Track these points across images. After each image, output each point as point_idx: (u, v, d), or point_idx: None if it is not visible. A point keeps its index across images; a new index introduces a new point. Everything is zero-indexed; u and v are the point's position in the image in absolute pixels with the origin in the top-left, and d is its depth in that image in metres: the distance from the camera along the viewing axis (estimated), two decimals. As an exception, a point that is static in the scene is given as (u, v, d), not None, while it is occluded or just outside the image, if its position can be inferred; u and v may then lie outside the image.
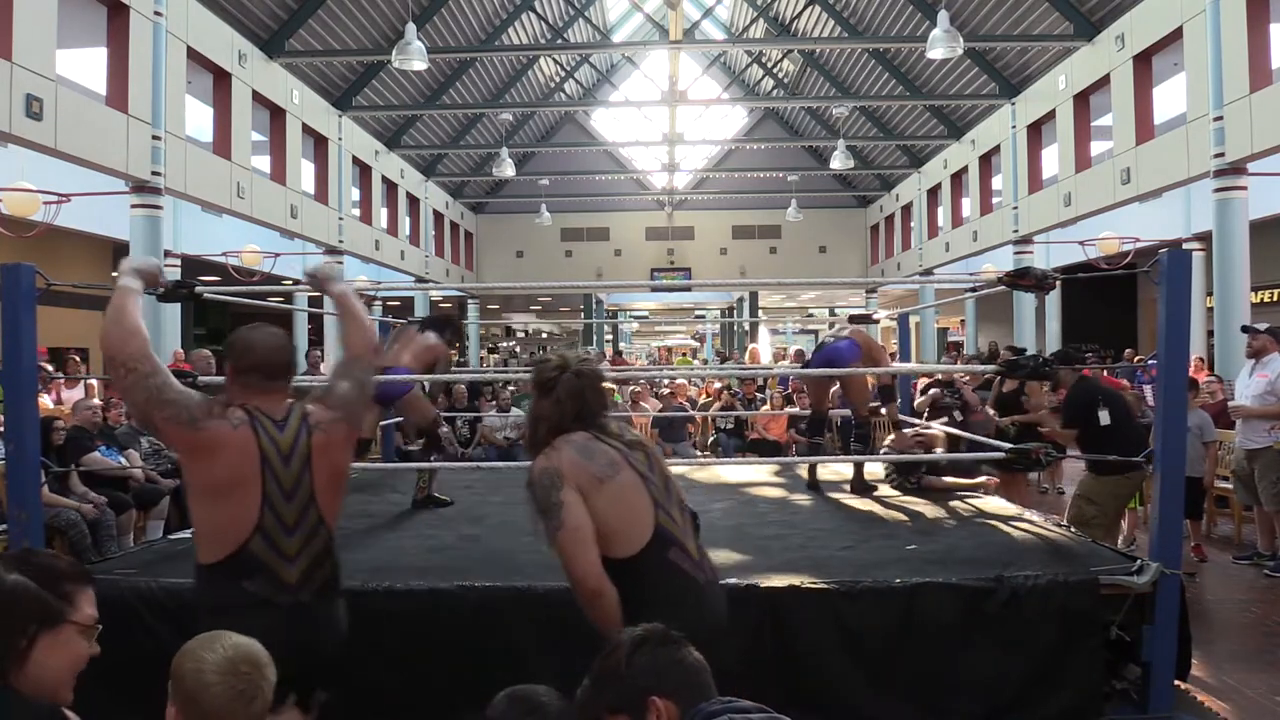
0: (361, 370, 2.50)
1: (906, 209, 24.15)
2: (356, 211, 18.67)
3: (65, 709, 1.58)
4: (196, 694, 1.55)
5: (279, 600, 2.17)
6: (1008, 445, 4.51)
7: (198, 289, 4.16)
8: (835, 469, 6.00)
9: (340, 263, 17.16)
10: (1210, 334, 12.00)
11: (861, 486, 5.43)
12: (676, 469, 6.41)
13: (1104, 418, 5.37)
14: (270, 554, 2.18)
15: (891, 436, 6.04)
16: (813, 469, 5.62)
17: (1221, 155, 10.49)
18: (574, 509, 2.18)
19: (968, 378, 8.18)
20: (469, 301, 28.68)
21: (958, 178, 20.34)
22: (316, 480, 2.27)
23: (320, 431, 2.29)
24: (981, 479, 5.59)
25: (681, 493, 2.45)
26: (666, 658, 1.68)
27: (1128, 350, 17.04)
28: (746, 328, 30.12)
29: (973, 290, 13.64)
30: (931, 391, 7.96)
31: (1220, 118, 10.49)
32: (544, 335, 43.17)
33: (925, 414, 7.55)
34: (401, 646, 3.10)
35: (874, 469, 5.82)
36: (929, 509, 4.80)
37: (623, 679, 1.65)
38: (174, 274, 13.92)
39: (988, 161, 18.60)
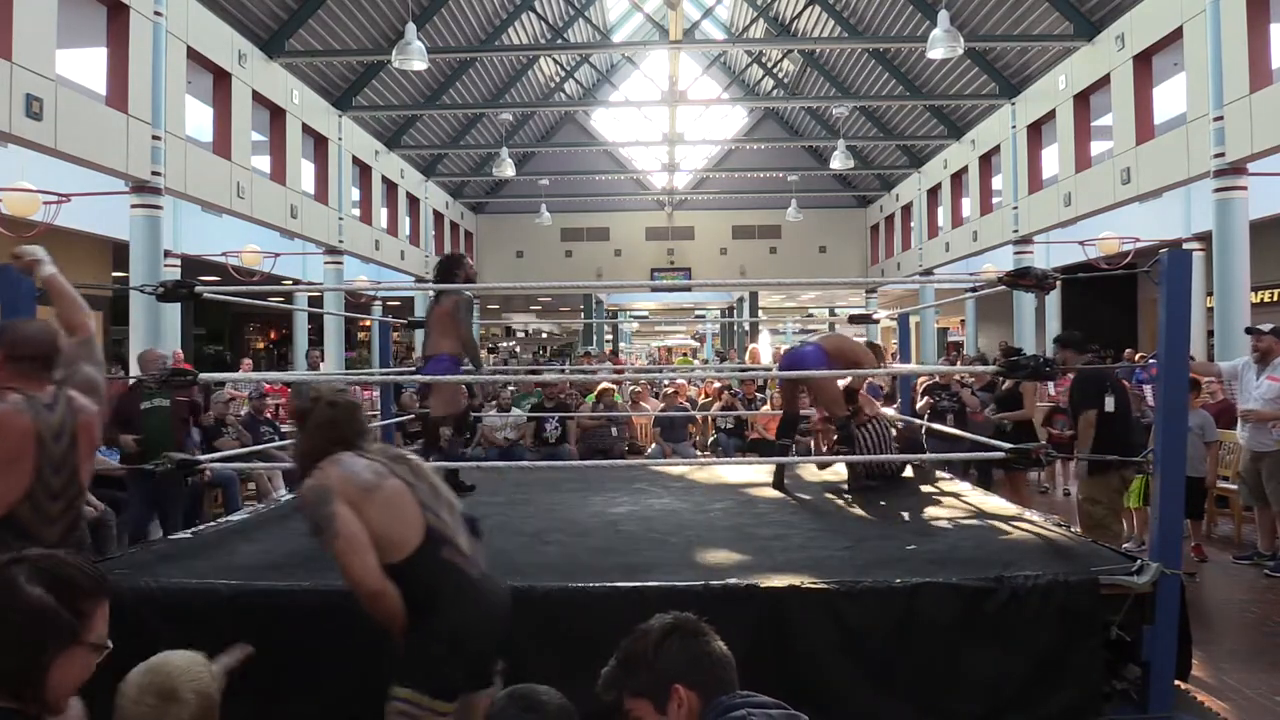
0: (95, 349, 2.77)
1: (906, 209, 24.15)
2: (356, 211, 18.68)
3: None
4: (116, 708, 1.64)
5: None
6: (1008, 445, 4.51)
7: (197, 289, 4.15)
8: (837, 469, 6.01)
9: (340, 262, 17.18)
10: (1210, 334, 12.00)
11: (857, 486, 5.43)
12: (676, 469, 6.43)
13: (1109, 404, 5.43)
14: (34, 518, 2.42)
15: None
16: (779, 470, 5.61)
17: (1221, 155, 10.49)
18: (345, 519, 2.33)
19: (972, 379, 8.19)
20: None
21: (958, 178, 20.34)
22: (80, 455, 2.57)
23: (84, 414, 2.57)
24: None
25: (453, 498, 2.63)
26: (695, 649, 1.70)
27: (1128, 350, 17.03)
28: (746, 328, 30.12)
29: (973, 290, 13.64)
30: (925, 400, 8.02)
31: (1220, 118, 10.49)
32: (544, 335, 43.15)
33: (926, 416, 7.57)
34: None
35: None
36: (929, 509, 4.80)
37: (650, 665, 1.68)
38: (174, 274, 13.94)
39: (988, 161, 18.61)
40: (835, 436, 5.79)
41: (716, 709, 1.63)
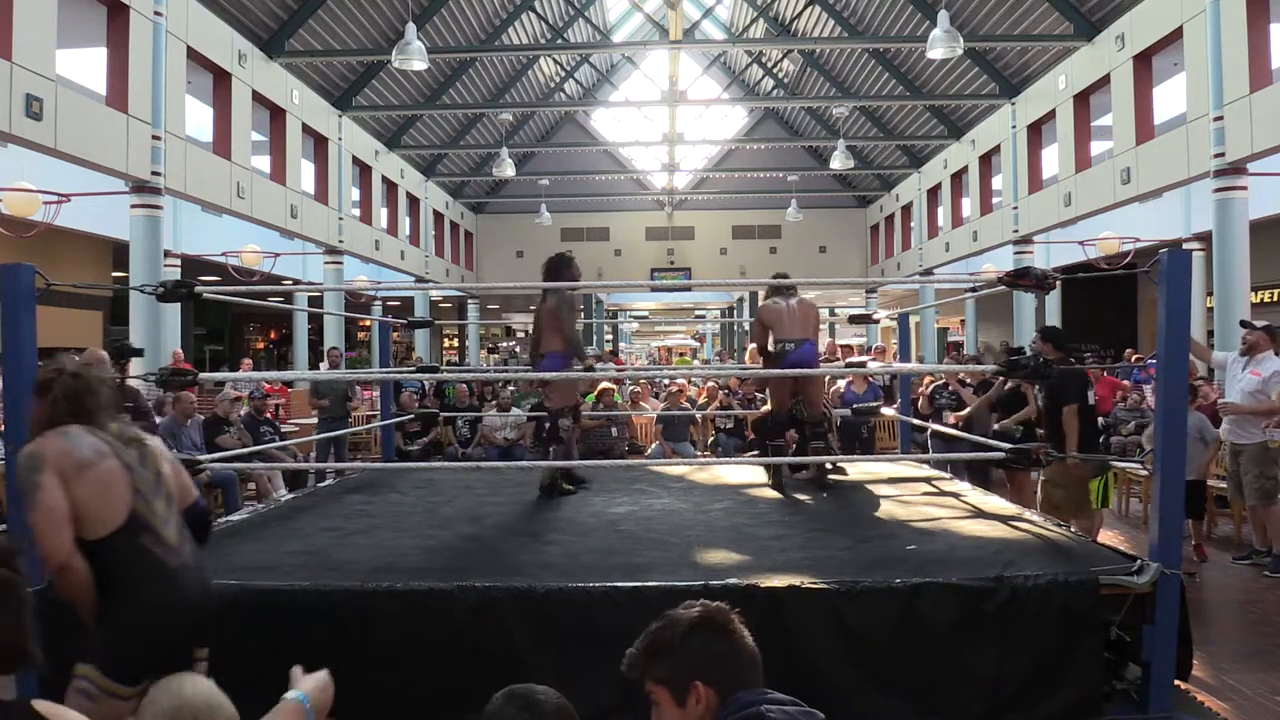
0: None
1: (906, 209, 24.15)
2: (356, 211, 18.68)
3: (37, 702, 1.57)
4: None
5: None
6: (1007, 445, 4.52)
7: (197, 289, 4.14)
8: (867, 468, 6.04)
9: (340, 262, 17.19)
10: (1210, 334, 12.00)
11: (824, 484, 5.47)
12: (676, 469, 6.42)
13: (1091, 397, 5.72)
14: None
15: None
16: (777, 470, 5.62)
17: (1221, 155, 10.49)
18: (50, 490, 2.37)
19: (968, 379, 8.20)
20: (469, 301, 28.69)
21: (958, 178, 20.34)
22: None
23: None
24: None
25: (181, 490, 2.69)
26: (720, 645, 1.70)
27: (1128, 350, 17.03)
28: (746, 328, 30.11)
29: (973, 290, 13.65)
30: (924, 400, 8.06)
31: (1220, 118, 10.49)
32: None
33: (929, 416, 7.59)
34: (401, 646, 3.10)
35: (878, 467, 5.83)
36: (929, 509, 4.79)
37: (674, 655, 1.69)
38: (174, 274, 13.93)
39: (988, 161, 18.60)
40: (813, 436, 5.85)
41: (735, 705, 1.64)
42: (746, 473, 6.03)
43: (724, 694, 1.66)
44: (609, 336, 36.25)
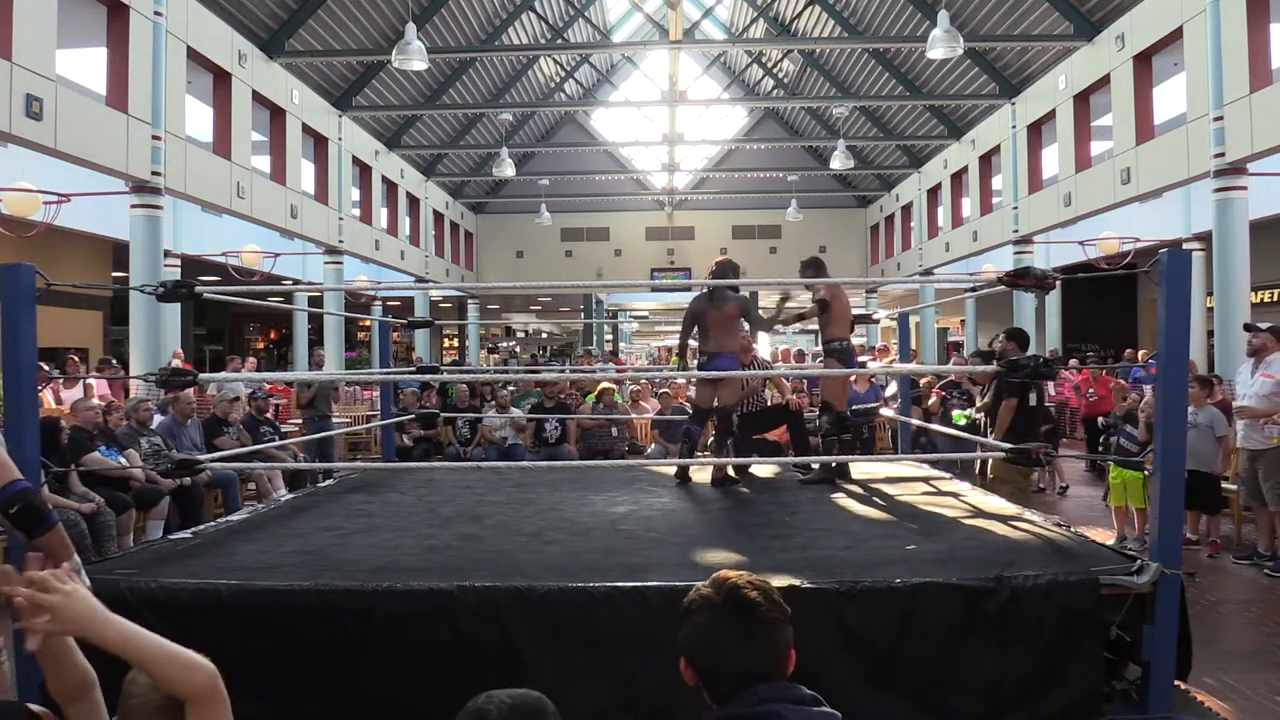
0: None
1: (906, 209, 24.16)
2: (356, 211, 18.68)
3: (32, 706, 1.57)
4: (124, 702, 1.64)
5: None
6: (1007, 445, 4.52)
7: (197, 289, 4.14)
8: (867, 468, 6.06)
9: (340, 262, 17.19)
10: (1210, 334, 12.00)
11: (845, 474, 5.63)
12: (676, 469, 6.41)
13: (1032, 399, 5.82)
14: None
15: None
16: (825, 466, 5.75)
17: (1221, 155, 10.49)
18: None
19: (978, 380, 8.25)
20: (469, 301, 28.69)
21: (958, 178, 20.34)
22: None
23: None
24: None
25: None
26: (719, 631, 1.62)
27: (1128, 350, 17.03)
28: (746, 328, 30.05)
29: (973, 290, 13.66)
30: (935, 399, 8.09)
31: (1220, 118, 10.49)
32: (544, 335, 43.15)
33: (939, 415, 7.63)
34: (400, 647, 3.09)
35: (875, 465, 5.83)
36: (929, 509, 4.79)
37: (682, 627, 1.67)
38: (174, 274, 13.93)
39: (988, 161, 18.61)
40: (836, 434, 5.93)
41: (753, 698, 1.57)
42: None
43: (705, 678, 1.62)
44: (609, 337, 36.23)
